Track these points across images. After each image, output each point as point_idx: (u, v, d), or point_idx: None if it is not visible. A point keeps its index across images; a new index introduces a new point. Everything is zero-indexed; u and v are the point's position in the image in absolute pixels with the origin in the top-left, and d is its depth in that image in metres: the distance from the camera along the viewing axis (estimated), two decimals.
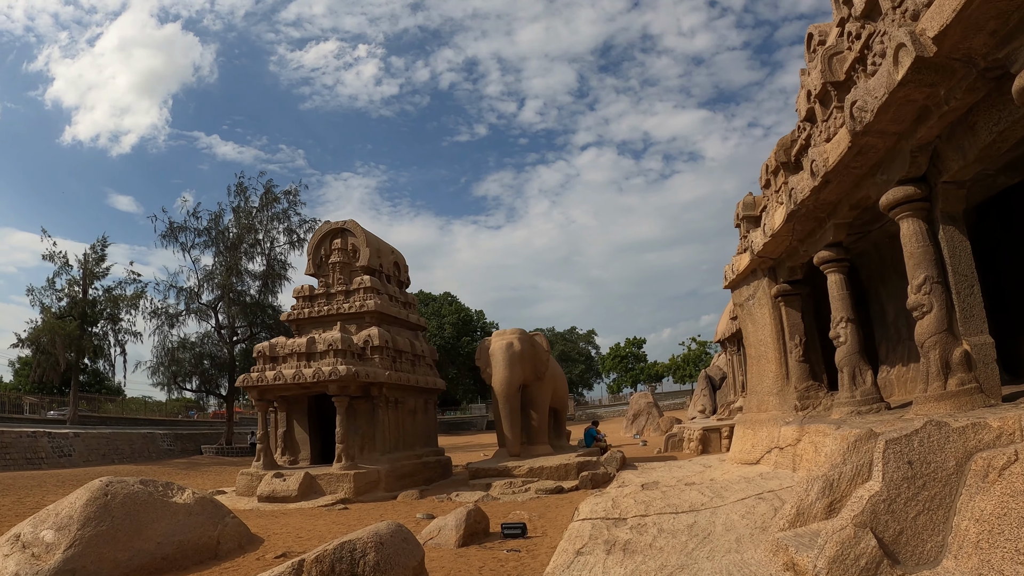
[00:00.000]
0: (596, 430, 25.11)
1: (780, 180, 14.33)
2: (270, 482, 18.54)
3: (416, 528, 13.30)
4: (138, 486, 10.71)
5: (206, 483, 25.96)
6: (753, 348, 17.31)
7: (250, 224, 44.86)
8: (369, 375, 19.75)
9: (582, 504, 13.28)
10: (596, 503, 12.99)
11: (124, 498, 10.24)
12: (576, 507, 13.68)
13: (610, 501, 12.92)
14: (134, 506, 10.24)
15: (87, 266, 43.51)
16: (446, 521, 11.71)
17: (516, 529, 11.88)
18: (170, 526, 10.43)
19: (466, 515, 11.66)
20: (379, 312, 21.77)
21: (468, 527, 11.47)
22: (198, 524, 10.84)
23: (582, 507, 12.84)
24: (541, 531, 12.30)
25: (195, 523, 10.81)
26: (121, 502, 10.16)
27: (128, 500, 10.26)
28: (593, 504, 12.86)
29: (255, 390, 20.20)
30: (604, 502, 12.93)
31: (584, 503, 13.33)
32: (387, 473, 19.70)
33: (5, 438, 29.80)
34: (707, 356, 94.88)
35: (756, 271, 16.26)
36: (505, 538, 11.71)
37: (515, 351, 21.30)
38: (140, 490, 10.61)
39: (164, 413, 61.53)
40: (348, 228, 23.17)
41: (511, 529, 11.91)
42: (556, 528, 12.50)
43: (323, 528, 13.68)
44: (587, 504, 13.09)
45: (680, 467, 18.53)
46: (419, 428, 23.39)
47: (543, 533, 12.11)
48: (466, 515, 11.66)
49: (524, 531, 11.87)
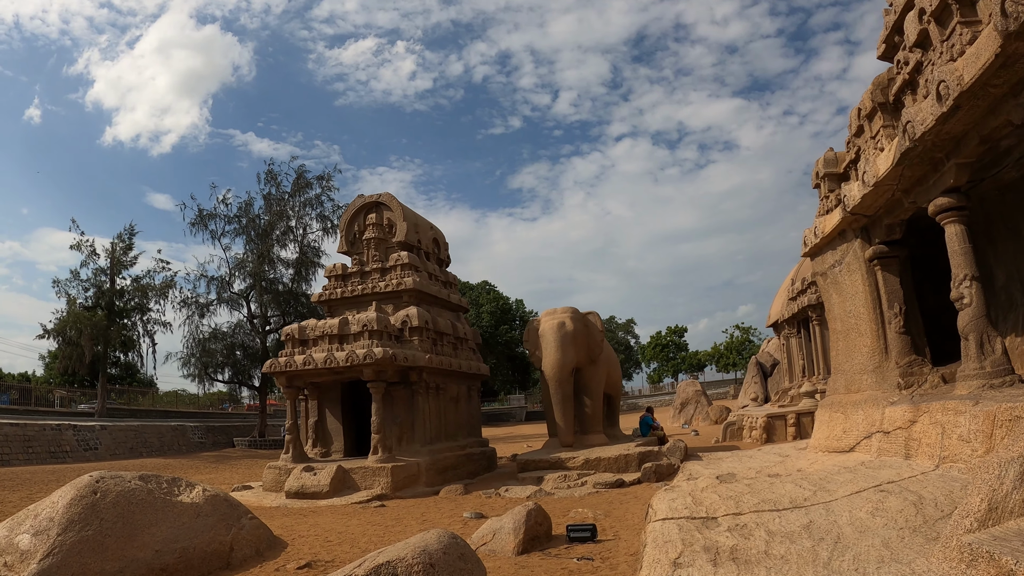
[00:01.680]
0: (652, 418, 23.15)
1: (878, 124, 12.49)
2: (299, 476, 16.84)
3: (464, 530, 11.51)
4: (136, 483, 8.94)
5: (234, 477, 24.37)
6: (839, 321, 15.29)
7: (282, 211, 43.32)
8: (407, 358, 17.95)
9: (654, 500, 11.48)
10: (672, 499, 11.18)
11: (117, 497, 8.48)
12: (648, 504, 11.91)
13: (688, 497, 11.10)
14: (128, 507, 8.47)
15: (114, 255, 42.13)
16: (502, 523, 9.87)
17: (584, 532, 10.07)
18: (173, 530, 8.65)
19: (525, 516, 9.82)
20: (418, 290, 19.96)
21: (528, 530, 9.65)
22: (207, 527, 9.06)
23: (656, 504, 11.04)
24: (612, 533, 10.48)
25: (204, 526, 9.02)
26: (112, 502, 8.39)
27: (121, 499, 8.49)
28: (669, 501, 11.05)
29: (283, 376, 18.48)
30: (681, 498, 11.11)
31: (656, 499, 11.54)
32: (428, 466, 17.91)
33: (28, 431, 28.45)
34: (750, 344, 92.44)
35: (846, 232, 14.22)
36: (571, 542, 9.90)
37: (567, 331, 19.44)
38: (138, 487, 8.84)
39: (197, 406, 60.38)
40: (383, 202, 21.38)
41: (578, 532, 10.09)
42: (629, 530, 10.72)
43: (356, 530, 11.90)
44: (661, 500, 11.30)
45: (752, 457, 16.74)
46: (462, 417, 21.57)
47: (615, 536, 10.30)
48: (525, 516, 9.82)
49: (594, 534, 10.06)
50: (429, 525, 12.27)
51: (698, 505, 10.17)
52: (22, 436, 27.84)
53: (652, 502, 11.32)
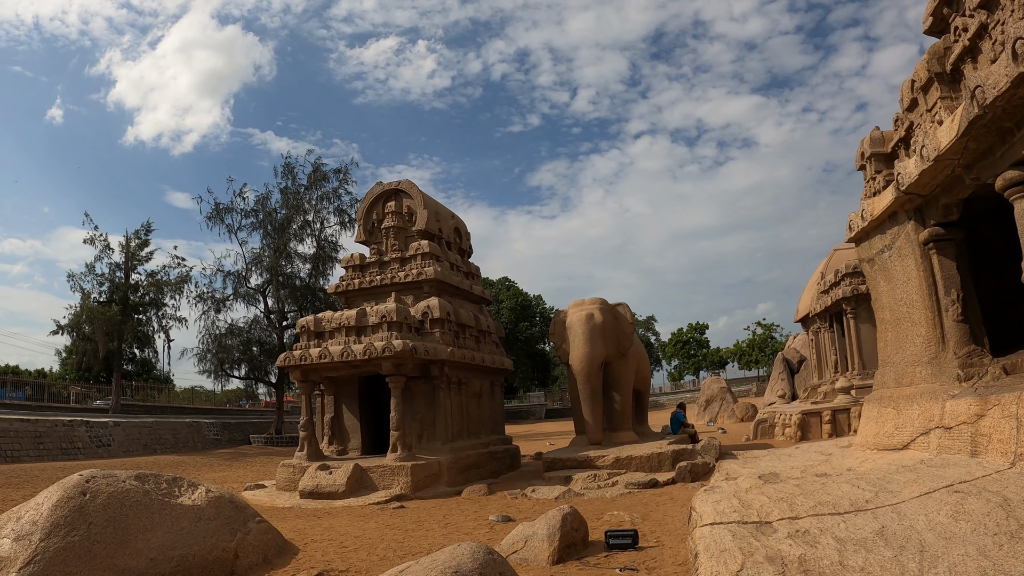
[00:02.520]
0: (684, 415, 22.18)
1: (935, 95, 11.60)
2: (314, 475, 16.01)
3: (491, 535, 10.62)
4: (130, 483, 8.08)
5: (248, 475, 23.58)
6: (888, 311, 14.31)
7: (299, 204, 42.51)
8: (428, 351, 17.05)
9: (696, 502, 10.57)
10: (716, 501, 10.26)
11: (108, 499, 7.62)
12: (689, 506, 10.99)
13: (734, 499, 10.18)
14: (121, 509, 7.60)
15: (128, 249, 41.41)
16: (534, 529, 8.97)
17: (625, 538, 9.11)
18: (170, 535, 7.78)
19: (560, 521, 8.91)
20: (439, 281, 19.06)
21: (564, 537, 8.74)
22: (210, 532, 8.18)
23: (699, 506, 10.12)
24: (654, 540, 9.56)
25: (205, 531, 8.15)
26: (103, 504, 7.53)
27: (113, 501, 7.63)
28: (713, 503, 10.13)
29: (297, 370, 17.64)
30: (726, 500, 10.19)
31: (699, 501, 10.62)
32: (449, 465, 17.03)
33: (40, 427, 27.80)
34: (773, 341, 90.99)
35: (897, 214, 13.22)
36: (610, 550, 8.96)
37: (596, 323, 18.52)
38: (132, 488, 7.97)
39: (214, 403, 59.75)
40: (403, 189, 20.50)
41: (618, 538, 9.16)
42: (671, 535, 9.77)
43: (374, 534, 11.02)
44: (704, 503, 10.38)
45: (791, 456, 15.83)
46: (484, 413, 20.65)
47: (658, 542, 9.37)
48: (560, 521, 8.91)
49: (635, 541, 9.13)
50: (452, 529, 11.40)
51: (747, 508, 9.21)
52: (33, 432, 27.21)
53: (694, 504, 10.38)
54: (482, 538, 10.42)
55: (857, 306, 25.60)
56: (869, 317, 25.50)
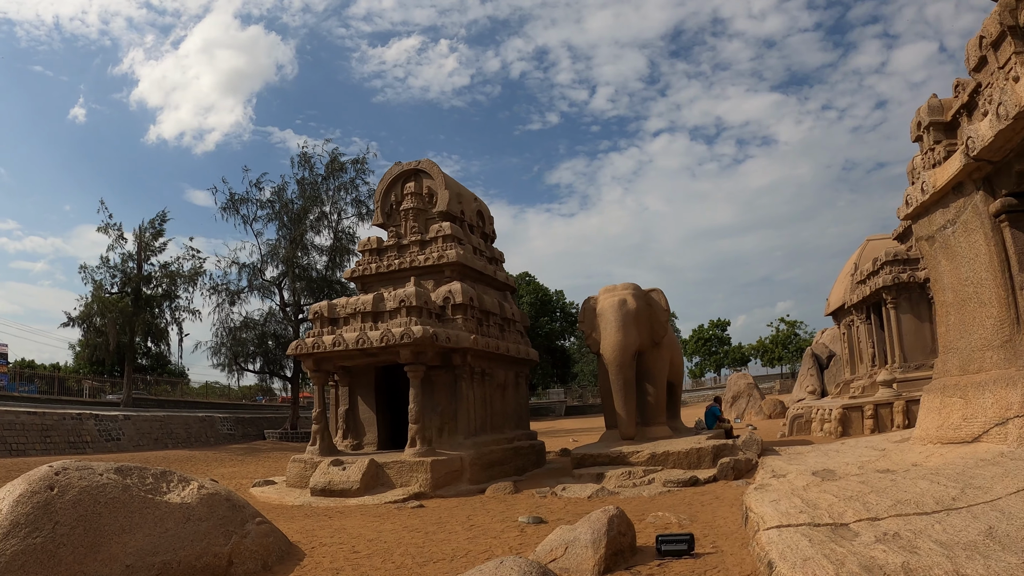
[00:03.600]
0: (720, 409, 20.93)
1: (1008, 51, 10.41)
2: (326, 471, 14.89)
3: (523, 539, 9.43)
4: (109, 476, 6.92)
5: (259, 471, 22.52)
6: (951, 292, 13.01)
7: (315, 195, 41.34)
8: (450, 338, 15.87)
9: (751, 502, 9.37)
10: (774, 501, 9.07)
11: (79, 494, 6.47)
12: (743, 507, 9.78)
13: (795, 498, 9.00)
14: (94, 507, 6.46)
15: (142, 239, 40.34)
16: (576, 534, 7.76)
17: (680, 543, 7.92)
18: (152, 539, 6.62)
19: (606, 524, 7.70)
20: (461, 264, 17.87)
21: (611, 542, 7.53)
22: (199, 535, 7.02)
23: (756, 507, 8.93)
24: (710, 545, 8.36)
25: (195, 533, 6.99)
26: (73, 501, 6.38)
27: (85, 497, 6.48)
28: (772, 503, 8.93)
29: (310, 358, 16.50)
30: (786, 499, 9.01)
31: (754, 501, 9.50)
32: (472, 461, 15.83)
33: (47, 420, 26.83)
34: (796, 337, 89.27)
35: (964, 184, 11.89)
36: (662, 556, 7.81)
37: (629, 310, 17.31)
38: (110, 483, 6.82)
39: (230, 398, 58.86)
40: (423, 169, 19.33)
41: (672, 544, 7.94)
42: (728, 539, 8.64)
43: (390, 537, 9.86)
44: (760, 502, 9.19)
45: (839, 452, 14.71)
46: (509, 406, 19.43)
47: (715, 548, 8.16)
48: (606, 524, 7.70)
49: (691, 546, 7.91)
50: (478, 532, 10.22)
51: (814, 508, 8.15)
52: (40, 425, 26.26)
53: (749, 504, 9.30)
54: (512, 542, 9.25)
55: (898, 295, 24.35)
56: (911, 307, 24.30)
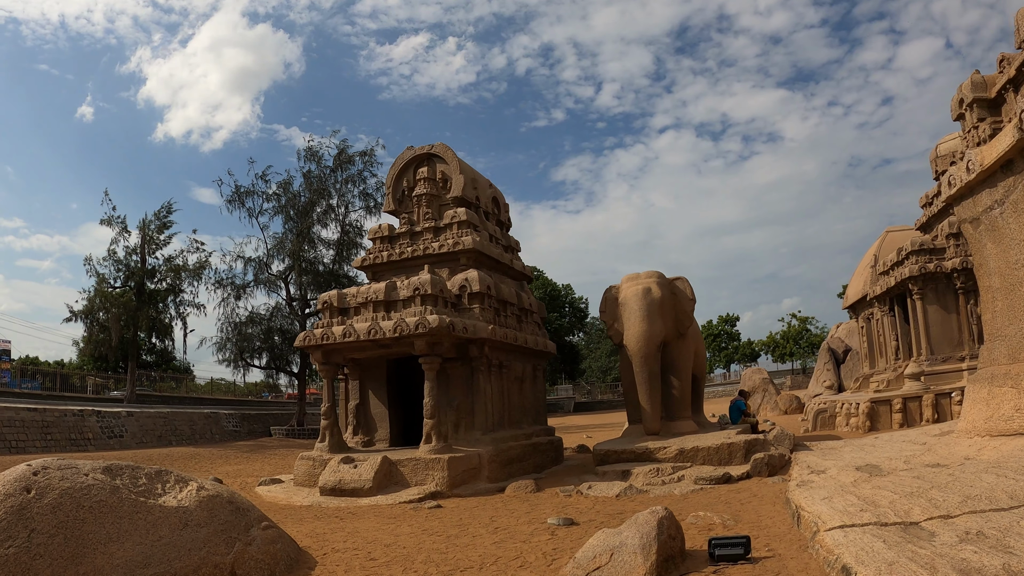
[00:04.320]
0: (746, 403, 20.03)
1: None
2: (336, 469, 14.06)
3: (555, 544, 8.58)
4: (95, 476, 6.08)
5: (265, 468, 21.72)
6: (998, 276, 12.13)
7: (322, 188, 40.47)
8: (467, 329, 15.01)
9: (801, 501, 8.80)
10: (826, 499, 8.42)
11: (60, 497, 5.64)
12: (792, 505, 9.18)
13: (850, 495, 8.42)
14: (76, 512, 5.63)
15: (146, 232, 39.51)
16: (621, 539, 6.92)
17: (736, 546, 7.11)
18: (144, 548, 5.77)
19: (656, 527, 6.88)
20: (477, 251, 16.99)
21: (662, 548, 6.71)
22: (198, 542, 6.18)
23: (807, 505, 8.36)
24: (766, 548, 7.52)
25: (192, 541, 6.15)
26: (52, 505, 5.55)
27: (67, 501, 5.65)
28: (824, 501, 8.28)
29: (319, 350, 15.66)
30: (840, 497, 8.37)
31: (803, 499, 8.89)
32: (490, 458, 14.99)
33: (48, 416, 26.07)
34: (808, 333, 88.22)
35: (1014, 162, 11.01)
36: (716, 562, 7.04)
37: (654, 299, 16.45)
38: (96, 484, 5.98)
39: (236, 395, 58.02)
40: (437, 153, 18.45)
41: (726, 547, 7.12)
42: (782, 541, 7.94)
43: (409, 541, 9.02)
44: (811, 501, 8.57)
45: (875, 447, 13.90)
46: (527, 400, 18.55)
47: (771, 551, 7.38)
48: (656, 527, 6.88)
49: (747, 550, 7.09)
50: (504, 536, 9.36)
51: (874, 506, 7.57)
52: (40, 422, 25.52)
53: (799, 503, 8.61)
54: (544, 547, 8.41)
55: (924, 286, 23.67)
56: (937, 298, 23.55)
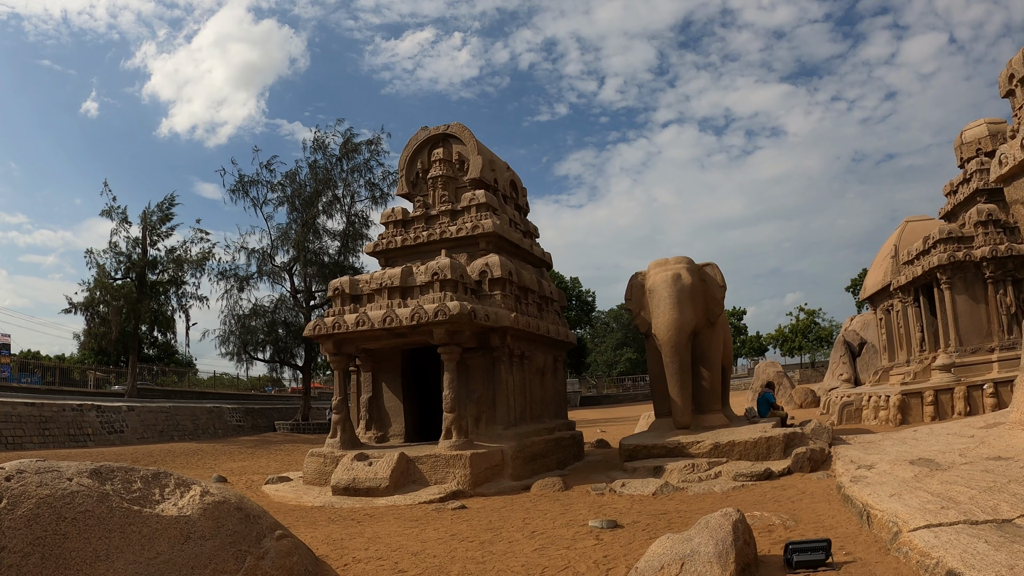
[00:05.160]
0: (773, 395, 19.08)
1: None
2: (350, 467, 13.11)
3: (606, 551, 7.62)
4: (81, 481, 5.10)
5: (271, 465, 20.76)
6: None
7: (328, 178, 39.45)
8: (489, 316, 14.01)
9: (866, 498, 8.26)
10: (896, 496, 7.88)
11: (38, 508, 4.67)
12: (853, 503, 8.53)
13: (923, 493, 7.78)
14: (57, 525, 4.65)
15: (147, 222, 38.48)
16: (692, 545, 6.01)
17: (816, 552, 6.34)
18: (140, 567, 4.76)
19: (731, 532, 6.10)
20: (497, 235, 15.99)
21: (739, 556, 5.89)
22: (202, 558, 5.21)
23: (876, 503, 7.74)
24: (843, 552, 6.76)
25: (195, 557, 5.17)
26: (28, 518, 4.58)
27: (46, 513, 4.68)
28: (893, 499, 7.73)
29: (329, 340, 14.70)
30: (910, 494, 7.79)
31: (868, 497, 8.25)
32: (514, 454, 14.01)
33: (46, 411, 25.15)
34: (816, 326, 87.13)
35: None
36: (794, 568, 6.28)
37: (684, 285, 15.51)
38: (83, 491, 5.01)
39: (239, 389, 57.07)
40: (453, 134, 17.44)
41: (806, 553, 6.35)
42: (853, 542, 7.16)
43: (438, 548, 8.05)
44: (878, 498, 7.95)
45: (917, 440, 13.32)
46: (548, 393, 17.55)
47: (851, 556, 6.59)
48: (731, 532, 6.10)
49: (827, 554, 6.34)
50: (544, 541, 8.38)
51: (953, 503, 7.38)
52: (38, 417, 24.62)
53: (866, 501, 8.03)
54: (594, 554, 7.47)
55: (953, 275, 22.70)
56: (965, 288, 22.62)
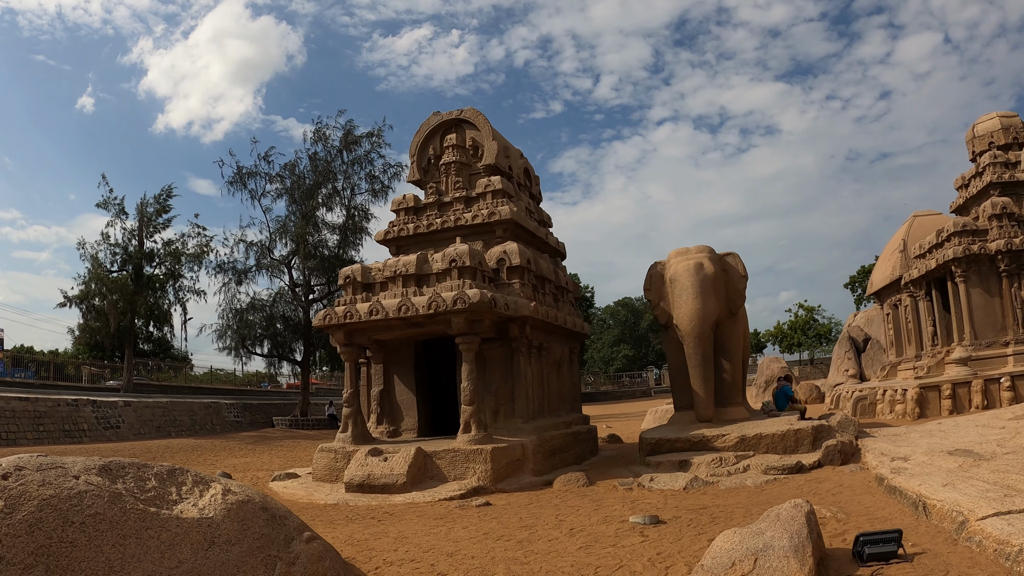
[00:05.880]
0: (791, 388, 18.51)
1: None
2: (364, 462, 12.47)
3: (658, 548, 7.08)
4: (90, 479, 4.44)
5: (274, 462, 20.10)
6: None
7: (328, 170, 38.69)
8: (508, 305, 13.37)
9: (918, 488, 7.98)
10: (948, 486, 7.66)
11: (41, 511, 4.03)
12: (905, 495, 8.19)
13: (978, 482, 7.61)
14: (64, 531, 4.00)
15: (143, 214, 37.59)
16: (764, 539, 5.50)
17: (888, 543, 5.99)
18: None
19: (805, 523, 5.77)
20: (514, 223, 15.35)
21: (815, 549, 5.44)
22: (230, 566, 4.55)
23: (931, 492, 7.51)
24: (911, 544, 6.33)
25: (223, 564, 4.52)
26: (29, 523, 3.93)
27: (49, 516, 4.03)
28: (945, 488, 7.53)
29: (340, 330, 14.04)
30: (966, 484, 7.57)
31: (922, 488, 7.89)
32: (534, 448, 13.38)
33: (40, 406, 24.47)
34: (815, 323, 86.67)
35: None
36: (865, 560, 5.93)
37: (707, 275, 15.01)
38: (92, 490, 4.35)
39: (235, 384, 56.32)
40: (466, 119, 16.81)
41: (878, 544, 6.00)
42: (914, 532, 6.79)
43: (474, 549, 7.40)
44: (933, 488, 7.70)
45: (945, 432, 13.27)
46: (564, 386, 16.95)
47: (919, 548, 6.24)
48: (805, 523, 5.77)
49: (899, 544, 6.03)
50: (586, 539, 7.73)
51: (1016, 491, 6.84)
52: (32, 412, 23.93)
53: (919, 491, 7.82)
54: (644, 551, 6.89)
55: (968, 269, 22.16)
56: (980, 281, 22.17)
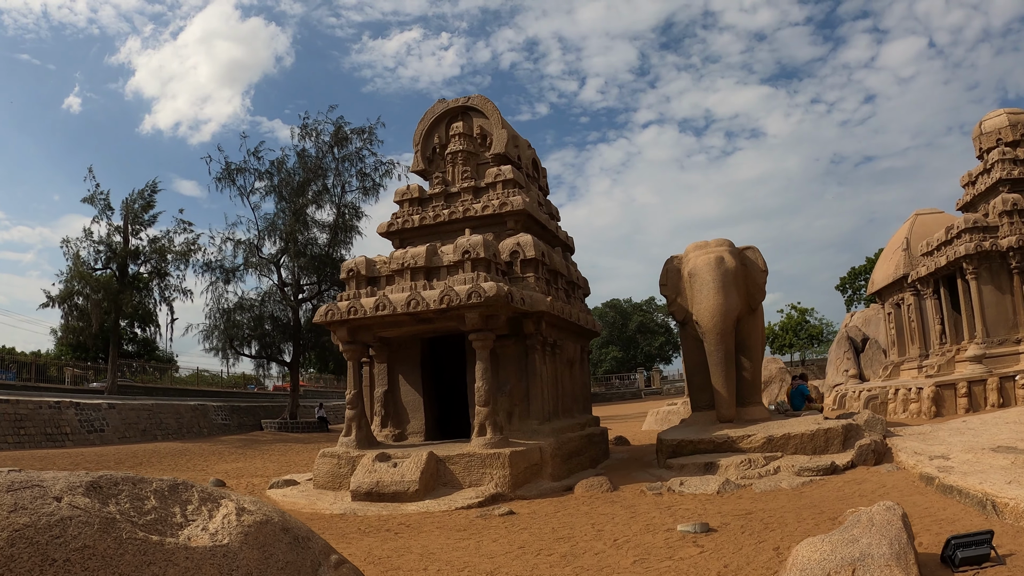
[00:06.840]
0: (807, 387, 17.77)
1: None
2: (372, 468, 11.58)
3: (720, 560, 6.36)
4: (76, 502, 3.52)
5: (268, 467, 19.18)
6: None
7: (318, 167, 37.77)
8: (525, 300, 12.57)
9: (978, 485, 7.70)
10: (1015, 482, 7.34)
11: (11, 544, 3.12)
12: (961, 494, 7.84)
13: None
14: (41, 571, 3.18)
15: (129, 210, 36.48)
16: (860, 547, 5.15)
17: (981, 544, 5.60)
18: None
19: (903, 527, 5.35)
20: (527, 214, 14.55)
21: (916, 555, 4.72)
22: None
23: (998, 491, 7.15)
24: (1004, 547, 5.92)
25: None
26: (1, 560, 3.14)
27: (24, 552, 3.12)
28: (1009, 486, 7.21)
29: (344, 327, 13.15)
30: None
31: (982, 485, 7.55)
32: (552, 452, 12.58)
33: (21, 409, 23.47)
34: (807, 324, 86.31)
35: None
36: (957, 565, 5.54)
37: (728, 269, 14.33)
38: (78, 515, 3.42)
39: (221, 386, 55.16)
40: (474, 107, 16.04)
41: (970, 547, 5.58)
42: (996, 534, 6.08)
43: (515, 566, 6.56)
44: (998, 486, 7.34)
45: (974, 430, 13.08)
46: (577, 386, 16.20)
47: (1007, 549, 5.88)
48: (903, 527, 5.35)
49: (991, 547, 5.64)
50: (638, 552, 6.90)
51: None
52: (13, 415, 22.98)
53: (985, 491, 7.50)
54: (706, 564, 6.20)
55: (979, 265, 21.83)
56: (991, 278, 21.73)
